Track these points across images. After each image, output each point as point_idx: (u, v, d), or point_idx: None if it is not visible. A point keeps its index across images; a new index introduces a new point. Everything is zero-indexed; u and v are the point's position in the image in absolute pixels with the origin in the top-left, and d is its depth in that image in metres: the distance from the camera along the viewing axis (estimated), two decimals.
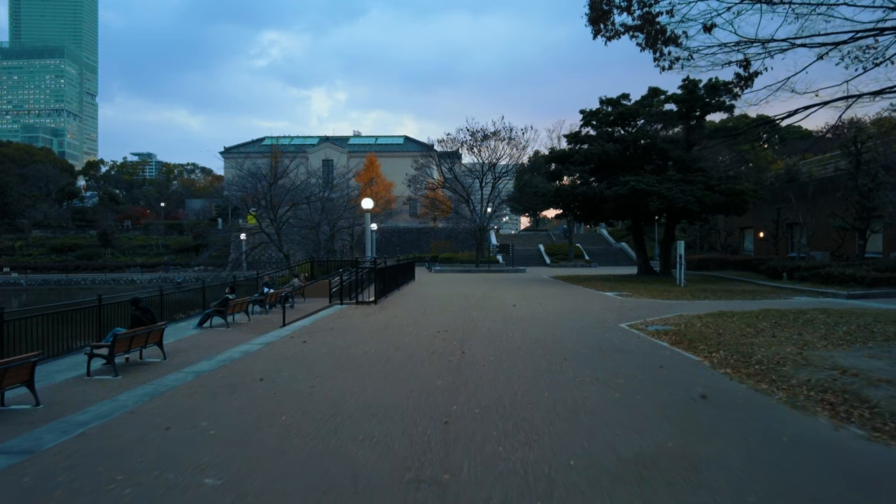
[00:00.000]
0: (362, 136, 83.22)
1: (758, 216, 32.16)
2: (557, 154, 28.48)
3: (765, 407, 5.49)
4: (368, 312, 13.63)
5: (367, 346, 8.95)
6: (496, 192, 44.86)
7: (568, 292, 19.84)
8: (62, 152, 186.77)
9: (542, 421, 5.02)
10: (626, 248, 53.97)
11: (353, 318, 12.56)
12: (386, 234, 60.98)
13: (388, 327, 11.06)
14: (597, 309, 14.27)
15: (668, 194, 23.06)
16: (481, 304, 15.41)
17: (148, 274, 58.09)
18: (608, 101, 29.04)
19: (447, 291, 20.35)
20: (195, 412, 5.43)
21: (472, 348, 8.64)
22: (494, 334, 10.03)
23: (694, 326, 10.71)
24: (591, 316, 12.81)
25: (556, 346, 8.78)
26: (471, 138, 41.55)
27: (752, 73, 10.32)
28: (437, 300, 16.84)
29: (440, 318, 12.35)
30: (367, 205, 25.50)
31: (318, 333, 10.32)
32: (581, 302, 16.26)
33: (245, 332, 13.38)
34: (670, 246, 28.56)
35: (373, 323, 11.75)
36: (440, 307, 14.73)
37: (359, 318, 12.68)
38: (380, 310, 14.21)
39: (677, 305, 15.00)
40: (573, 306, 14.97)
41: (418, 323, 11.65)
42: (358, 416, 5.20)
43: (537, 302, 16.07)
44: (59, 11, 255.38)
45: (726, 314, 12.44)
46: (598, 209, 26.68)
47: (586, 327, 10.97)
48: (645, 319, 12.11)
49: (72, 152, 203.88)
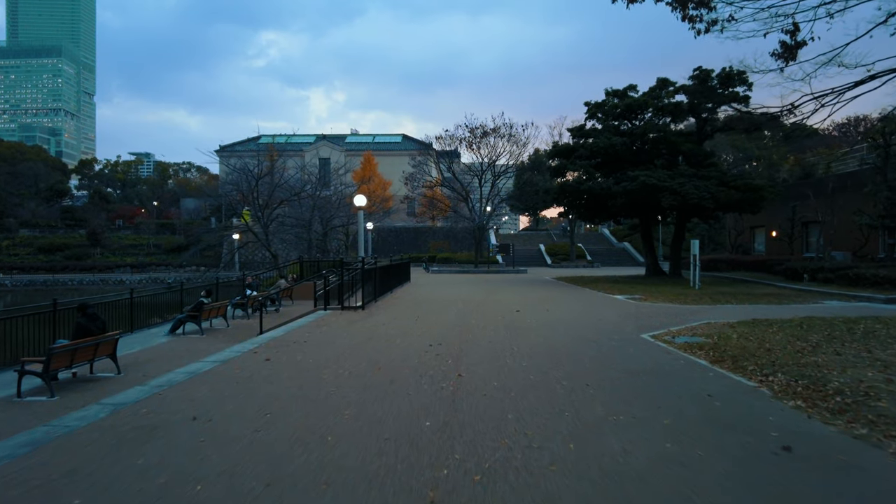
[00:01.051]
0: (359, 135, 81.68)
1: (770, 214, 30.57)
2: (561, 148, 26.89)
3: (883, 469, 3.90)
4: (353, 319, 12.03)
5: (343, 365, 7.35)
6: (496, 190, 43.22)
7: (575, 295, 18.26)
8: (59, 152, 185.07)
9: (573, 501, 3.42)
10: (628, 248, 52.51)
11: (334, 327, 10.96)
12: (382, 234, 59.44)
13: (371, 339, 9.46)
14: (611, 315, 12.68)
15: (682, 190, 21.49)
16: (481, 310, 13.83)
17: (138, 274, 56.50)
18: (614, 93, 27.48)
19: (444, 294, 18.78)
20: (72, 480, 3.81)
21: (471, 369, 7.04)
22: (497, 349, 8.44)
23: (730, 339, 9.13)
24: (607, 324, 11.22)
25: (573, 367, 7.19)
26: (470, 135, 39.96)
27: (799, 43, 8.77)
28: (432, 304, 15.25)
29: (434, 328, 10.75)
30: (360, 201, 23.97)
31: (288, 347, 8.72)
32: (591, 307, 14.67)
33: (219, 339, 11.94)
34: (680, 246, 26.99)
35: (355, 333, 10.15)
36: (435, 313, 13.13)
37: (341, 326, 11.09)
38: (367, 316, 12.61)
39: (699, 311, 13.42)
40: (584, 312, 13.38)
41: (408, 333, 10.05)
42: (303, 487, 3.60)
43: (543, 307, 14.49)
44: (57, 10, 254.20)
45: (761, 322, 10.85)
46: (604, 206, 25.08)
47: (604, 339, 9.38)
48: (669, 329, 10.53)
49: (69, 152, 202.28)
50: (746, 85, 24.08)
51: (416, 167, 45.94)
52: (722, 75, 24.08)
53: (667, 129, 24.81)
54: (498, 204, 44.92)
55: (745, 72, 24.04)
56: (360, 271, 13.93)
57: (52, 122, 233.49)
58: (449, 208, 45.67)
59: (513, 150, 40.78)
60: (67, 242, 60.70)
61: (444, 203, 46.73)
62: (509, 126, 39.84)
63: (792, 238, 27.57)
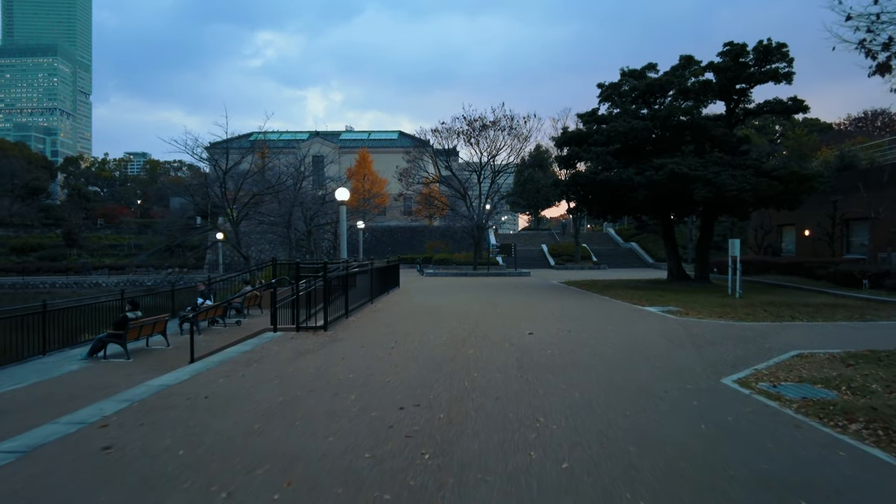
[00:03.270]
0: (354, 132, 78.42)
1: (800, 211, 27.32)
2: (572, 135, 23.52)
3: None
4: (303, 350, 8.68)
5: (229, 465, 4.03)
6: (496, 186, 39.82)
7: (595, 306, 14.93)
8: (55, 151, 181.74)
9: None
10: (636, 249, 49.38)
11: (269, 365, 7.61)
12: (376, 234, 56.13)
13: (313, 391, 6.13)
14: (657, 340, 9.37)
15: (717, 180, 18.18)
16: (481, 330, 10.50)
17: (116, 276, 53.22)
18: (631, 73, 24.17)
19: (436, 305, 15.46)
20: None
21: (466, 480, 3.73)
22: (510, 418, 5.10)
23: (871, 391, 5.85)
24: (660, 357, 7.91)
25: (652, 469, 3.87)
26: (468, 128, 36.61)
27: None
28: (418, 322, 11.92)
29: (413, 366, 7.43)
30: (341, 195, 20.80)
31: (167, 413, 5.36)
32: (624, 325, 11.35)
33: (145, 367, 9.01)
34: (707, 246, 23.71)
35: (294, 378, 6.82)
36: (419, 337, 9.80)
37: (280, 363, 7.75)
38: (325, 343, 9.27)
39: (768, 333, 10.13)
40: (618, 335, 10.05)
41: (373, 378, 6.73)
42: None
43: (561, 325, 11.16)
44: (53, 9, 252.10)
45: (890, 357, 7.57)
46: (623, 201, 21.76)
47: (673, 390, 6.08)
48: (754, 368, 7.23)
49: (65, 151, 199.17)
50: (786, 61, 20.81)
51: (411, 162, 42.52)
52: (759, 49, 20.79)
53: (694, 111, 21.49)
54: (498, 202, 41.50)
55: (786, 45, 20.82)
56: (326, 280, 10.57)
57: (48, 122, 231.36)
58: (446, 206, 42.32)
59: (514, 145, 37.40)
60: (42, 243, 57.30)
61: (442, 201, 43.43)
62: (510, 118, 36.45)
63: (833, 237, 24.30)
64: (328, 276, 10.85)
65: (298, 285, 10.49)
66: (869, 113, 57.68)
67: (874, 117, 57.15)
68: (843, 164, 25.99)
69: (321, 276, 10.62)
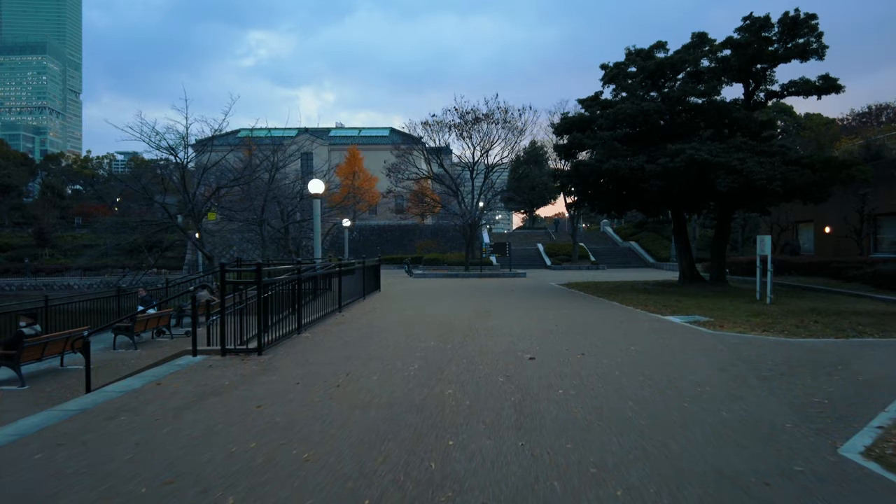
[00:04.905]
0: (345, 128, 75.72)
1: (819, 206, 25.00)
2: (574, 120, 21.02)
3: None
4: (213, 388, 6.13)
5: None
6: (489, 182, 37.31)
7: (606, 315, 12.44)
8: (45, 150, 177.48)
9: None
10: (635, 248, 47.16)
11: (142, 418, 5.06)
12: (364, 233, 53.66)
13: (169, 483, 3.62)
14: (703, 368, 6.89)
15: (743, 167, 15.76)
16: (466, 353, 8.00)
17: (89, 277, 50.44)
18: (638, 53, 21.75)
19: (417, 313, 12.93)
20: None
21: None
22: None
23: None
24: (723, 403, 5.40)
25: None
26: (460, 120, 34.11)
27: None
28: (388, 339, 9.41)
29: (359, 422, 4.92)
30: (315, 188, 18.40)
31: None
32: (649, 343, 8.86)
33: (30, 401, 6.84)
34: (725, 244, 21.30)
35: (161, 450, 4.29)
36: (383, 366, 7.28)
37: (164, 413, 5.20)
38: (250, 376, 6.74)
39: (841, 353, 7.69)
40: (648, 360, 7.55)
41: (285, 450, 4.21)
42: None
43: (571, 344, 8.67)
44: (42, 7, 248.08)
45: None
46: (631, 193, 19.33)
47: (774, 477, 3.59)
48: (878, 425, 4.79)
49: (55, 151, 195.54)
50: (815, 35, 18.44)
51: (400, 156, 39.98)
52: (785, 22, 18.41)
53: (712, 91, 19.05)
54: (492, 198, 38.98)
55: (816, 17, 18.47)
56: (258, 288, 8.02)
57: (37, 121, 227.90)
58: (439, 204, 39.82)
59: (508, 138, 34.90)
60: (12, 242, 54.34)
61: (434, 198, 40.97)
62: (504, 110, 33.95)
63: (861, 234, 22.01)
64: (268, 282, 8.30)
65: (224, 294, 7.95)
66: (873, 107, 56.02)
67: (879, 112, 55.53)
68: (869, 154, 23.74)
69: (261, 284, 8.08)
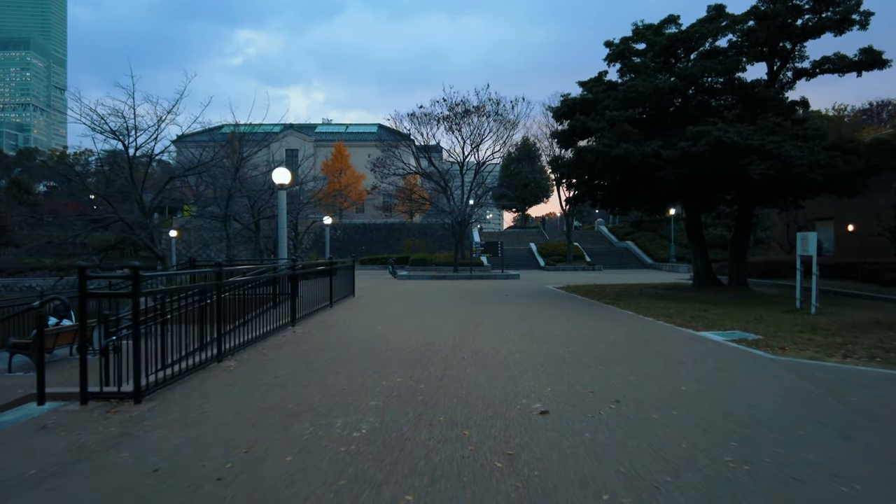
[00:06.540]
0: (332, 124, 72.85)
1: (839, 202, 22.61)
2: (576, 101, 18.42)
3: None
4: (20, 479, 3.45)
5: None
6: (480, 178, 34.71)
7: (629, 334, 9.78)
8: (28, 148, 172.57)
9: None
10: (632, 248, 44.93)
11: None
12: (349, 231, 50.87)
13: None
14: (824, 439, 4.23)
15: (780, 152, 13.25)
16: (445, 401, 5.31)
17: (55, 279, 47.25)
18: (647, 28, 19.26)
19: (390, 328, 10.19)
20: None
21: None
22: None
23: None
24: None
25: None
26: (449, 112, 31.55)
27: None
28: (341, 374, 6.71)
29: None
30: (280, 178, 15.85)
31: None
32: (706, 377, 6.21)
33: None
34: (746, 243, 18.82)
35: None
36: (316, 427, 4.58)
37: None
38: (90, 454, 4.01)
39: None
40: (723, 416, 4.90)
41: None
42: None
43: (595, 380, 5.99)
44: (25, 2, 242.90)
45: None
46: (641, 184, 16.80)
47: None
48: None
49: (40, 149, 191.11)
50: (853, 3, 16.00)
51: (386, 150, 37.29)
52: None
53: (735, 68, 16.55)
54: (483, 195, 36.40)
55: None
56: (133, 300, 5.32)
57: (20, 118, 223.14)
58: (428, 201, 37.22)
59: (500, 132, 32.34)
60: None
61: (423, 195, 38.38)
62: (496, 102, 31.42)
63: (895, 233, 19.63)
64: (152, 292, 5.57)
65: (85, 313, 5.23)
66: (874, 104, 54.51)
67: (880, 108, 54.09)
68: None
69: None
